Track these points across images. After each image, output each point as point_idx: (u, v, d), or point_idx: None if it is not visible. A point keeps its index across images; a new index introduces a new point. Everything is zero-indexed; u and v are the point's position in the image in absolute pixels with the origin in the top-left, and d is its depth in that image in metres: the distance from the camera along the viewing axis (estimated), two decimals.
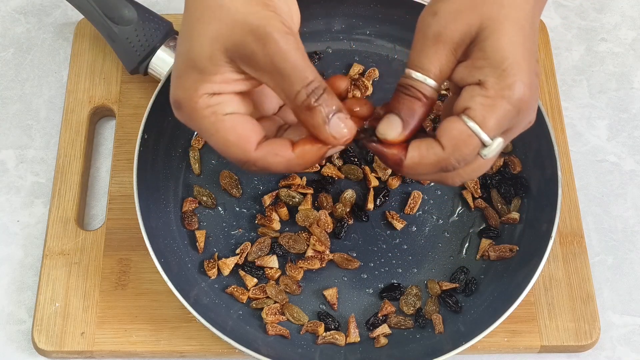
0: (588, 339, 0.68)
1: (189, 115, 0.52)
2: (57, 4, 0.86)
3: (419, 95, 0.51)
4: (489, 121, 0.49)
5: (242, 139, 0.51)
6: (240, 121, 0.52)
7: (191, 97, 0.51)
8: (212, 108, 0.51)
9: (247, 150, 0.51)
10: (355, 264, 0.70)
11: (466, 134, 0.49)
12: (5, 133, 0.79)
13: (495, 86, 0.49)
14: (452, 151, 0.50)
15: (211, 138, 0.52)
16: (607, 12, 0.87)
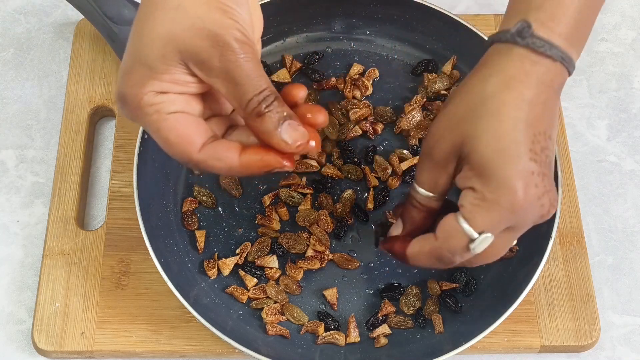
0: (588, 339, 0.68)
1: (132, 111, 0.51)
2: (57, 4, 0.86)
3: (415, 204, 0.58)
4: (476, 218, 0.52)
5: (184, 140, 0.51)
6: (184, 121, 0.51)
7: (136, 94, 0.50)
8: (156, 106, 0.50)
9: (188, 152, 0.51)
10: (355, 264, 0.70)
11: (455, 228, 0.53)
12: (5, 133, 0.79)
13: (481, 190, 0.52)
14: (442, 242, 0.55)
15: (153, 135, 0.51)
16: (607, 12, 0.87)
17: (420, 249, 0.57)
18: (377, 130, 0.76)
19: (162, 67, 0.50)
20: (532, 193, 0.52)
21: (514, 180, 0.51)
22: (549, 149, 0.53)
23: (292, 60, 0.78)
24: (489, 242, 0.53)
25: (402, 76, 0.78)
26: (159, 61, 0.49)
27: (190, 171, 0.74)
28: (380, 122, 0.76)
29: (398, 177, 0.73)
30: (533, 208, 0.52)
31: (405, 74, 0.78)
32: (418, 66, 0.78)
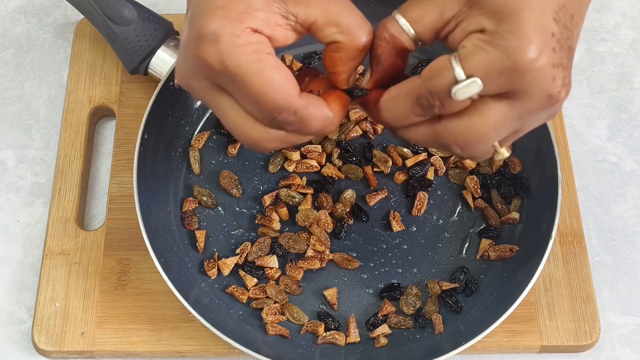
0: (588, 339, 0.68)
1: (226, 49, 0.47)
2: (57, 4, 0.86)
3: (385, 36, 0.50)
4: (471, 59, 0.46)
5: (288, 82, 0.48)
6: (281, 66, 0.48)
7: (233, 30, 0.46)
8: (255, 45, 0.47)
9: (291, 95, 0.48)
10: (355, 264, 0.70)
11: (443, 65, 0.47)
12: (5, 133, 0.79)
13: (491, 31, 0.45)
14: (424, 79, 0.48)
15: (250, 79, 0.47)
16: (607, 12, 0.87)
17: (397, 92, 0.50)
18: (377, 131, 0.76)
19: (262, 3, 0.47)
20: (546, 55, 0.44)
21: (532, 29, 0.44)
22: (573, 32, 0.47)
23: (292, 60, 0.78)
24: (474, 90, 0.46)
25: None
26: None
27: (191, 172, 0.74)
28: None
29: (404, 172, 0.73)
30: (543, 76, 0.45)
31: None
32: (418, 66, 0.78)
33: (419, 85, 0.48)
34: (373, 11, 0.77)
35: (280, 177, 0.74)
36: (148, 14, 0.75)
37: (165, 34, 0.75)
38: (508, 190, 0.73)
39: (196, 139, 0.75)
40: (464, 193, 0.73)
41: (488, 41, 0.45)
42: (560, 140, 0.76)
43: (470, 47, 0.46)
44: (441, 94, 0.47)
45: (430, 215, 0.73)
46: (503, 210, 0.72)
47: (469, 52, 0.46)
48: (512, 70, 0.45)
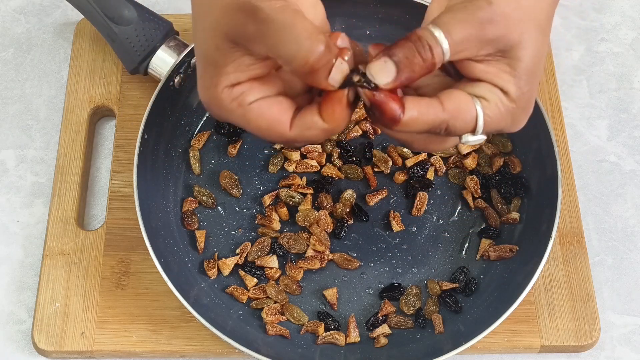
0: (588, 339, 0.68)
1: (219, 111, 0.52)
2: (57, 4, 0.86)
3: (427, 54, 0.48)
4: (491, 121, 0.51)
5: (274, 124, 0.51)
6: (267, 106, 0.51)
7: (213, 95, 0.51)
8: (237, 100, 0.51)
9: (281, 133, 0.51)
10: (355, 264, 0.70)
11: (469, 109, 0.50)
12: (5, 133, 0.79)
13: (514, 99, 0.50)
14: (450, 116, 0.49)
15: (246, 128, 0.52)
16: (607, 12, 0.87)
17: (420, 115, 0.49)
18: (377, 131, 0.76)
19: (222, 59, 0.50)
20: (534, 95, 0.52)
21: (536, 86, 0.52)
22: None
23: None
24: (478, 143, 0.53)
25: None
26: (217, 53, 0.50)
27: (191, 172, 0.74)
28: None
29: (404, 172, 0.73)
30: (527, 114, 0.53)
31: None
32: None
33: (441, 119, 0.50)
34: (373, 11, 0.78)
35: (280, 177, 0.74)
36: (148, 14, 0.75)
37: (165, 34, 0.75)
38: (508, 190, 0.73)
39: (196, 139, 0.75)
40: (464, 193, 0.73)
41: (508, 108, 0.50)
42: (560, 140, 0.76)
43: (493, 108, 0.50)
44: (463, 131, 0.51)
45: (430, 215, 0.73)
46: (503, 210, 0.72)
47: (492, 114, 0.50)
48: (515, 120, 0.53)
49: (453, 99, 0.50)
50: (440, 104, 0.49)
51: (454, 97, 0.50)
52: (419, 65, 0.48)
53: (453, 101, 0.50)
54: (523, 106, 0.51)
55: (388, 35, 0.78)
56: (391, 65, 0.48)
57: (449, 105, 0.49)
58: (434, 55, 0.48)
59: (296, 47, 0.47)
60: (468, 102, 0.50)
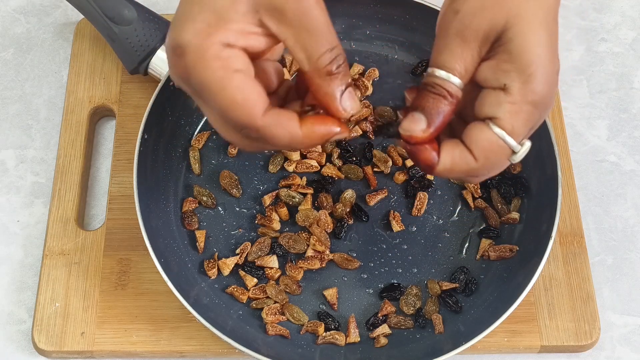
0: (588, 339, 0.68)
1: (193, 64, 0.47)
2: (57, 4, 0.86)
3: (444, 93, 0.50)
4: (517, 129, 0.49)
5: (250, 101, 0.47)
6: (250, 82, 0.48)
7: (201, 44, 0.46)
8: (223, 61, 0.46)
9: (253, 115, 0.48)
10: (355, 264, 0.70)
11: (497, 145, 0.49)
12: (5, 133, 0.79)
13: (521, 92, 0.48)
14: (484, 162, 0.50)
15: (214, 95, 0.47)
16: (607, 12, 0.87)
17: (453, 166, 0.51)
18: None
19: (233, 15, 0.46)
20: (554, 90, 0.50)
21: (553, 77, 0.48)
22: None
23: (292, 60, 0.78)
24: (528, 149, 0.50)
25: (402, 76, 0.78)
26: (231, 8, 0.46)
27: (191, 172, 0.74)
28: (380, 122, 0.76)
29: (404, 172, 0.73)
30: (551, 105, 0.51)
31: (405, 74, 0.78)
32: (418, 66, 0.78)
33: (478, 167, 0.50)
34: (373, 11, 0.78)
35: (280, 177, 0.74)
36: (148, 14, 0.75)
37: (165, 34, 0.74)
38: (508, 190, 0.73)
39: (196, 139, 0.75)
40: (464, 193, 0.73)
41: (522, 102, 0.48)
42: (560, 140, 0.76)
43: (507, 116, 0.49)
44: (500, 166, 0.51)
45: (430, 215, 0.73)
46: (503, 210, 0.72)
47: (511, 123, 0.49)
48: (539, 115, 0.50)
49: (478, 143, 0.50)
50: (471, 154, 0.50)
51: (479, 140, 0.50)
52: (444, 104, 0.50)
53: (479, 147, 0.50)
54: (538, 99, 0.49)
55: (388, 35, 0.78)
56: (420, 116, 0.50)
57: (478, 153, 0.50)
58: (450, 90, 0.50)
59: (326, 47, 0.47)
60: (489, 136, 0.49)
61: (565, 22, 0.86)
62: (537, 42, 0.48)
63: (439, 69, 0.50)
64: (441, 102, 0.50)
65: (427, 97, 0.50)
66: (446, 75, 0.50)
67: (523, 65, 0.48)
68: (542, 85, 0.48)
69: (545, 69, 0.48)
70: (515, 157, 0.50)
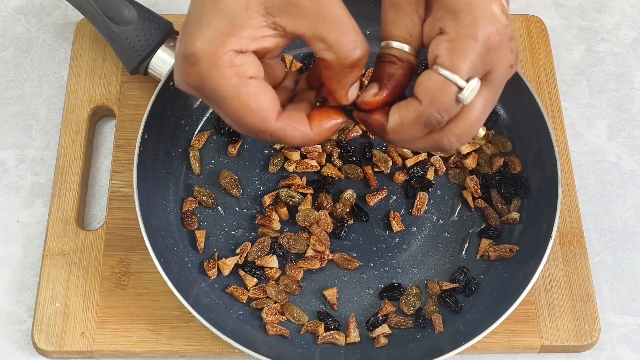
0: (588, 339, 0.68)
1: (206, 73, 0.47)
2: (57, 4, 0.86)
3: (391, 59, 0.51)
4: (458, 63, 0.48)
5: (264, 108, 0.48)
6: (263, 88, 0.49)
7: (214, 52, 0.46)
8: (236, 69, 0.47)
9: (267, 120, 0.49)
10: (355, 264, 0.70)
11: (439, 82, 0.49)
12: (5, 133, 0.79)
13: (455, 29, 0.48)
14: (429, 102, 0.49)
15: (228, 102, 0.48)
16: (607, 12, 0.87)
17: (402, 119, 0.50)
18: None
19: (245, 21, 0.46)
20: (503, 31, 0.49)
21: (487, 12, 0.48)
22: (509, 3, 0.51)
23: (292, 60, 0.78)
24: (478, 87, 0.49)
25: None
26: (243, 12, 0.46)
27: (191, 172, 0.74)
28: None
29: (404, 172, 0.73)
30: (505, 49, 0.49)
31: None
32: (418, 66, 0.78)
33: (425, 109, 0.49)
34: (373, 11, 0.77)
35: (280, 177, 0.74)
36: (148, 14, 0.75)
37: (165, 34, 0.75)
38: (508, 190, 0.73)
39: (196, 139, 0.75)
40: (464, 193, 0.73)
41: (456, 39, 0.48)
42: (560, 140, 0.76)
43: (446, 53, 0.48)
44: (449, 107, 0.49)
45: (430, 215, 0.73)
46: (503, 210, 0.72)
47: (450, 59, 0.48)
48: (486, 53, 0.48)
49: (422, 85, 0.49)
50: (417, 99, 0.50)
51: (422, 82, 0.49)
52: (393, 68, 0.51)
53: (423, 88, 0.49)
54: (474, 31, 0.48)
55: None
56: (373, 84, 0.52)
57: (422, 95, 0.49)
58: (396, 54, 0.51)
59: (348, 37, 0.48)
60: (433, 76, 0.49)
61: (565, 22, 0.86)
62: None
63: (385, 39, 0.52)
64: (389, 67, 0.51)
65: (377, 67, 0.52)
66: (386, 42, 0.51)
67: (450, 6, 0.49)
68: (476, 18, 0.48)
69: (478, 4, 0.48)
70: (463, 94, 0.49)
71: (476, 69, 0.49)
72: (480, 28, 0.48)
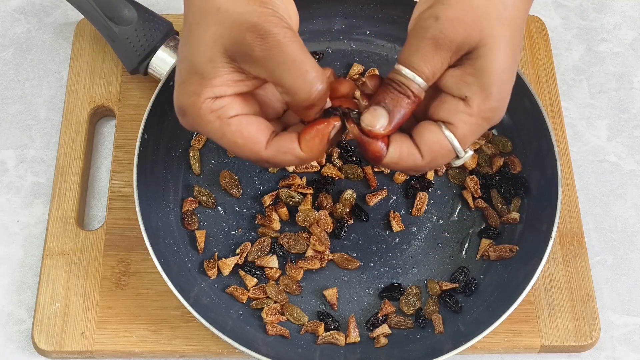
0: (588, 339, 0.68)
1: (194, 120, 0.52)
2: (57, 4, 0.86)
3: (408, 92, 0.52)
4: (467, 138, 0.52)
5: (250, 141, 0.52)
6: (246, 123, 0.52)
7: (194, 103, 0.51)
8: (217, 112, 0.51)
9: (256, 151, 0.52)
10: (355, 264, 0.70)
11: (445, 148, 0.52)
12: (5, 133, 0.79)
13: (479, 107, 0.51)
14: (429, 161, 0.53)
15: (220, 141, 0.52)
16: (607, 12, 0.87)
17: (399, 160, 0.53)
18: None
19: (212, 72, 0.50)
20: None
21: (507, 95, 0.52)
22: None
23: None
24: (470, 157, 0.54)
25: None
26: (209, 65, 0.50)
27: (191, 172, 0.74)
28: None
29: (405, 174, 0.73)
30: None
31: None
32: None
33: (424, 165, 0.53)
34: (373, 11, 0.78)
35: (280, 177, 0.74)
36: (148, 14, 0.75)
37: (165, 34, 0.75)
38: (508, 190, 0.73)
39: (196, 139, 0.75)
40: (464, 193, 0.73)
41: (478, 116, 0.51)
42: (560, 140, 0.76)
43: (462, 126, 0.51)
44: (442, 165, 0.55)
45: (430, 215, 0.73)
46: (503, 210, 0.72)
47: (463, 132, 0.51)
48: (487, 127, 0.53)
49: (427, 144, 0.52)
50: (419, 151, 0.52)
51: (428, 140, 0.52)
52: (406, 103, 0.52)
53: (427, 146, 0.52)
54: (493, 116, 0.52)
55: (388, 35, 0.78)
56: (382, 112, 0.52)
57: (425, 151, 0.52)
58: (414, 91, 0.52)
59: (302, 81, 0.50)
60: (440, 139, 0.52)
61: (565, 22, 0.86)
62: (503, 64, 0.51)
63: (407, 68, 0.52)
64: (404, 101, 0.52)
65: (391, 93, 0.52)
66: (412, 75, 0.52)
67: (487, 83, 0.51)
68: (498, 102, 0.52)
69: (504, 89, 0.51)
70: (457, 162, 0.53)
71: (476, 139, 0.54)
72: (497, 113, 0.52)
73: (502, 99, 0.52)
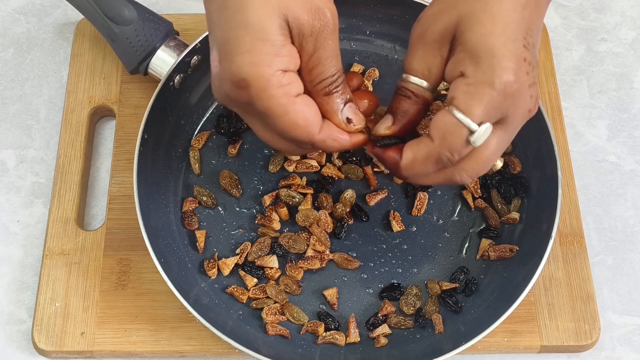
0: (588, 339, 0.68)
1: (257, 95, 0.49)
2: (57, 4, 0.86)
3: (407, 93, 0.54)
4: (472, 108, 0.50)
5: (310, 123, 0.51)
6: (307, 104, 0.52)
7: (263, 74, 0.48)
8: (285, 88, 0.49)
9: (312, 134, 0.52)
10: (355, 264, 0.70)
11: (452, 123, 0.51)
12: (5, 133, 0.79)
13: (474, 74, 0.50)
14: (441, 142, 0.51)
15: (277, 119, 0.51)
16: (607, 12, 0.87)
17: (414, 155, 0.53)
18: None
19: (281, 39, 0.48)
20: (523, 79, 0.50)
21: (507, 60, 0.50)
22: (537, 48, 0.52)
23: None
24: (489, 132, 0.51)
25: None
26: (278, 32, 0.48)
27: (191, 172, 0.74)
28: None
29: None
30: (524, 96, 0.51)
31: None
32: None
33: (436, 148, 0.51)
34: (373, 11, 0.78)
35: (280, 177, 0.74)
36: (148, 14, 0.75)
37: (165, 34, 0.75)
38: (508, 190, 0.73)
39: (196, 139, 0.75)
40: (464, 193, 0.73)
41: (474, 84, 0.50)
42: (560, 140, 0.76)
43: (462, 96, 0.50)
44: (459, 148, 0.51)
45: (430, 215, 0.73)
46: (503, 210, 0.72)
47: (465, 102, 0.50)
48: (502, 100, 0.50)
49: (435, 125, 0.52)
50: (429, 138, 0.52)
51: (436, 122, 0.52)
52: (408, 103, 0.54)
53: (435, 127, 0.52)
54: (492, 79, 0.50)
55: (388, 35, 0.78)
56: (387, 116, 0.55)
57: (434, 134, 0.52)
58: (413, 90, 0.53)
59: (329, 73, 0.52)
60: (446, 117, 0.51)
61: (565, 22, 0.86)
62: (487, 31, 0.50)
63: (404, 72, 0.54)
64: (404, 102, 0.54)
65: (394, 99, 0.55)
66: (406, 76, 0.54)
67: (472, 50, 0.50)
68: (495, 67, 0.50)
69: (499, 52, 0.50)
70: (473, 137, 0.51)
71: (490, 115, 0.50)
72: (497, 76, 0.49)
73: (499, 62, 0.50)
